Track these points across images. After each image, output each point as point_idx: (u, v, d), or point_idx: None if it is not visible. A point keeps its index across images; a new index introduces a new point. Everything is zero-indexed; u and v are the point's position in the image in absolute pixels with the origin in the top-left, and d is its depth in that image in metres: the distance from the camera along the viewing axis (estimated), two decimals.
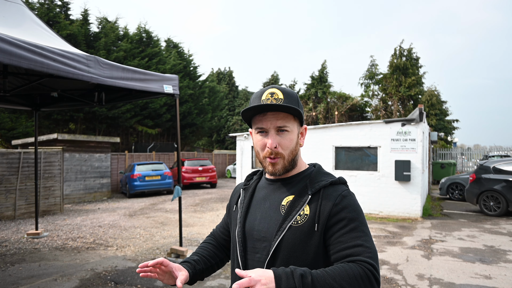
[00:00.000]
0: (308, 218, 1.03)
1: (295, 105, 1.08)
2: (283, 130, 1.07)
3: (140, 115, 18.95)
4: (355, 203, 1.05)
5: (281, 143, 1.07)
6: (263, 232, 1.08)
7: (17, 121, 15.80)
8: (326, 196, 1.04)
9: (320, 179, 1.10)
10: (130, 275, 4.58)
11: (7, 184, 8.73)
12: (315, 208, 1.03)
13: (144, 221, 8.29)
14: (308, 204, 1.05)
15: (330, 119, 25.48)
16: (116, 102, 5.83)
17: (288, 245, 1.02)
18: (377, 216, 8.63)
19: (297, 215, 1.04)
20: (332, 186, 1.08)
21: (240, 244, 1.11)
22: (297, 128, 1.10)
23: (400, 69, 22.85)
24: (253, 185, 1.21)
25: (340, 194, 1.05)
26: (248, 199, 1.18)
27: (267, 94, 1.08)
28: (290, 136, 1.08)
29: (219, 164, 22.50)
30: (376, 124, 8.89)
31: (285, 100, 1.06)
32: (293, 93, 1.10)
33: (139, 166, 13.34)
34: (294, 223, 1.03)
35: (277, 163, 1.08)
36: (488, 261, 5.04)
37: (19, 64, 2.92)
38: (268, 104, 1.03)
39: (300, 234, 1.02)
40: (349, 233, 0.99)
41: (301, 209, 1.04)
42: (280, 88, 1.09)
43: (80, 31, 16.41)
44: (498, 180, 8.42)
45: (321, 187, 1.06)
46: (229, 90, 31.92)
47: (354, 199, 1.06)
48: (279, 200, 1.10)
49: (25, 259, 5.32)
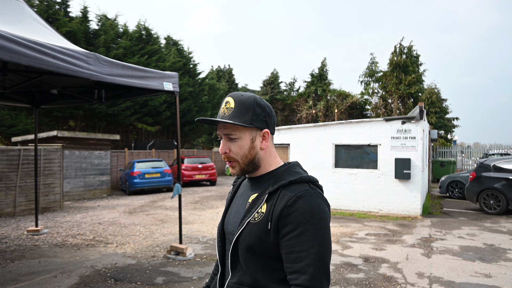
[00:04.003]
0: (264, 216, 1.07)
1: (245, 112, 1.11)
2: (232, 138, 1.13)
3: (139, 113, 18.93)
4: (310, 205, 1.02)
5: (231, 149, 1.14)
6: (232, 226, 1.16)
7: (17, 118, 15.78)
8: (282, 196, 1.06)
9: (284, 177, 1.11)
10: (129, 272, 4.58)
11: (7, 181, 8.73)
12: (270, 207, 1.07)
13: (144, 219, 8.30)
14: (266, 202, 1.09)
15: (330, 117, 25.46)
16: (116, 100, 5.82)
17: (245, 238, 1.07)
18: (376, 214, 8.63)
19: (255, 212, 1.09)
20: (291, 185, 1.08)
21: (218, 236, 1.23)
22: (249, 134, 1.13)
23: (400, 66, 22.81)
24: (239, 182, 1.31)
25: (295, 195, 1.04)
26: (232, 195, 1.28)
27: (224, 103, 1.16)
28: (239, 142, 1.13)
29: (219, 161, 22.50)
30: (376, 122, 8.88)
31: (234, 109, 1.12)
32: (247, 100, 1.13)
33: (139, 164, 13.34)
34: (252, 220, 1.08)
35: (234, 167, 1.16)
36: (488, 260, 5.04)
37: (19, 61, 2.90)
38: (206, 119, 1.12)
39: (256, 230, 1.06)
40: (297, 237, 1.00)
41: (259, 207, 1.09)
42: (234, 97, 1.14)
43: (80, 28, 16.35)
44: (498, 178, 8.43)
45: (280, 186, 1.08)
46: (229, 87, 31.86)
47: (310, 200, 1.03)
48: (248, 197, 1.17)
49: (25, 255, 5.32)
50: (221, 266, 1.22)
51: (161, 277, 4.43)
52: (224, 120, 1.12)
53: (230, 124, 1.13)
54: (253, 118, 1.13)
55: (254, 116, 1.13)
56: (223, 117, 1.13)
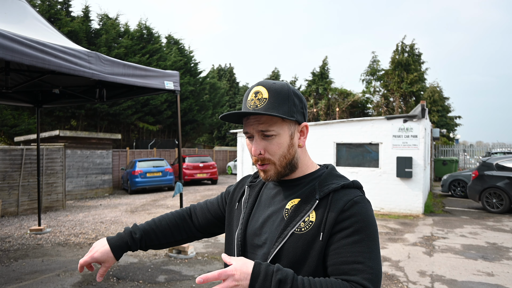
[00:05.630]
0: (313, 225, 0.91)
1: (283, 103, 0.95)
2: (268, 134, 0.95)
3: (141, 112, 18.96)
4: (366, 213, 0.91)
5: (268, 148, 0.96)
6: (264, 238, 0.98)
7: (20, 118, 15.83)
8: (335, 201, 0.92)
9: (330, 181, 0.97)
10: (132, 270, 4.60)
11: (10, 180, 8.76)
12: (322, 214, 0.91)
13: (145, 217, 8.31)
14: (315, 210, 0.93)
15: (331, 115, 25.43)
16: (117, 99, 5.83)
17: (288, 253, 0.91)
18: (378, 213, 8.62)
19: (301, 222, 0.92)
20: (343, 189, 0.95)
21: (238, 248, 1.02)
22: (288, 130, 0.97)
23: (402, 65, 22.74)
24: (260, 184, 1.11)
25: (351, 199, 0.91)
26: (253, 199, 1.08)
27: (252, 94, 0.97)
28: (277, 140, 0.95)
29: (220, 160, 22.52)
30: (378, 121, 8.86)
31: (269, 99, 0.94)
32: (282, 88, 0.96)
33: (140, 163, 13.37)
34: (297, 230, 0.92)
35: (267, 170, 0.98)
36: (491, 258, 5.03)
37: (21, 60, 2.91)
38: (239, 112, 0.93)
39: (302, 242, 0.90)
40: (351, 245, 0.86)
41: (306, 215, 0.93)
42: (266, 85, 0.96)
43: (81, 27, 16.38)
44: (501, 177, 8.40)
45: (331, 190, 0.94)
46: (229, 86, 31.86)
47: (366, 207, 0.92)
48: (283, 204, 0.99)
49: (28, 254, 5.35)
50: None
51: (163, 275, 4.44)
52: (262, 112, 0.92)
53: (267, 118, 0.94)
54: (292, 110, 0.96)
55: (294, 107, 0.96)
56: (257, 110, 0.94)
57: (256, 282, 0.80)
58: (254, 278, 0.80)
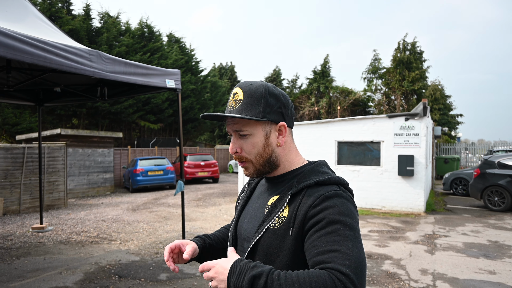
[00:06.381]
0: (285, 220, 0.93)
1: (256, 104, 0.97)
2: (243, 134, 1.00)
3: (142, 110, 18.97)
4: (341, 205, 0.89)
5: (243, 147, 1.01)
6: (248, 232, 1.03)
7: (21, 117, 15.87)
8: (307, 197, 0.92)
9: (309, 178, 0.97)
10: (133, 268, 4.61)
11: (12, 178, 8.79)
12: (292, 210, 0.93)
13: (147, 216, 8.33)
14: (288, 205, 0.95)
15: (333, 113, 25.38)
16: (118, 97, 5.83)
17: (263, 248, 0.95)
18: (379, 211, 8.62)
19: (276, 217, 0.95)
20: (317, 186, 0.94)
21: (231, 241, 1.09)
22: (262, 130, 0.99)
23: (403, 63, 22.68)
24: (255, 182, 1.16)
25: (323, 195, 0.90)
26: (247, 196, 1.15)
27: (231, 95, 1.03)
28: (251, 140, 1.00)
29: (221, 159, 22.53)
30: (379, 119, 8.85)
31: (243, 101, 0.98)
32: (257, 90, 0.99)
33: (141, 161, 13.39)
34: (272, 225, 0.95)
35: (247, 167, 1.04)
36: (492, 257, 5.03)
37: (22, 59, 2.91)
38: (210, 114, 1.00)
39: (276, 237, 0.93)
40: (325, 236, 0.84)
41: (280, 210, 0.95)
42: (243, 87, 1.00)
43: (82, 26, 16.38)
44: (502, 175, 8.38)
45: (304, 186, 0.95)
46: (231, 85, 31.84)
47: (341, 201, 0.90)
48: (266, 200, 1.03)
49: (30, 252, 5.37)
50: None
51: (164, 273, 4.45)
52: (232, 114, 0.98)
53: (239, 119, 0.99)
54: (266, 110, 0.99)
55: (267, 107, 0.99)
56: (231, 111, 1.00)
57: (232, 277, 0.85)
58: (231, 273, 0.86)
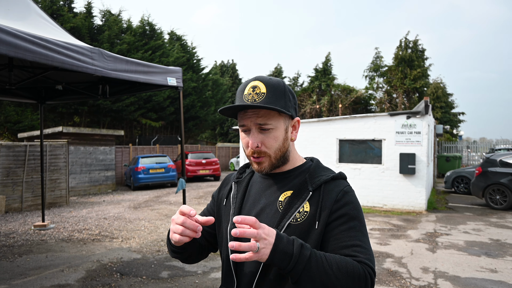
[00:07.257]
0: (309, 215, 0.96)
1: (280, 98, 0.99)
2: (266, 128, 0.99)
3: (144, 108, 18.98)
4: (356, 201, 1.00)
5: (265, 141, 1.00)
6: None
7: (23, 114, 15.90)
8: (328, 192, 0.98)
9: (320, 173, 1.03)
10: (135, 266, 4.63)
11: (14, 176, 8.81)
12: (316, 204, 0.97)
13: (148, 213, 8.35)
14: (309, 200, 0.98)
15: (334, 111, 25.34)
16: (120, 95, 5.83)
17: None
18: (381, 209, 8.61)
19: (296, 212, 0.97)
20: (333, 181, 1.02)
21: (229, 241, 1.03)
22: (283, 123, 1.01)
23: (405, 61, 22.60)
24: (247, 179, 1.13)
25: (342, 189, 0.99)
26: (242, 194, 1.10)
27: (249, 88, 1.00)
28: (274, 133, 1.00)
29: (223, 157, 22.54)
30: (381, 117, 8.82)
31: (267, 94, 0.97)
32: (279, 84, 1.01)
33: (143, 159, 13.40)
34: (293, 221, 0.96)
35: (262, 162, 1.01)
36: (494, 255, 5.02)
37: (24, 56, 2.91)
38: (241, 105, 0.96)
39: (299, 232, 0.95)
40: (347, 231, 0.94)
41: (300, 206, 0.97)
42: (263, 80, 1.00)
43: (84, 24, 16.38)
44: (504, 174, 8.36)
45: (322, 182, 1.00)
46: (232, 82, 31.80)
47: (355, 196, 1.02)
48: (276, 196, 1.02)
49: (33, 250, 5.39)
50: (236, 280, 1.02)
51: (166, 271, 4.47)
52: (266, 105, 0.95)
53: (265, 112, 0.98)
54: (288, 105, 1.01)
55: (288, 102, 1.01)
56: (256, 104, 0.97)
57: (280, 241, 0.84)
58: (278, 237, 0.85)
